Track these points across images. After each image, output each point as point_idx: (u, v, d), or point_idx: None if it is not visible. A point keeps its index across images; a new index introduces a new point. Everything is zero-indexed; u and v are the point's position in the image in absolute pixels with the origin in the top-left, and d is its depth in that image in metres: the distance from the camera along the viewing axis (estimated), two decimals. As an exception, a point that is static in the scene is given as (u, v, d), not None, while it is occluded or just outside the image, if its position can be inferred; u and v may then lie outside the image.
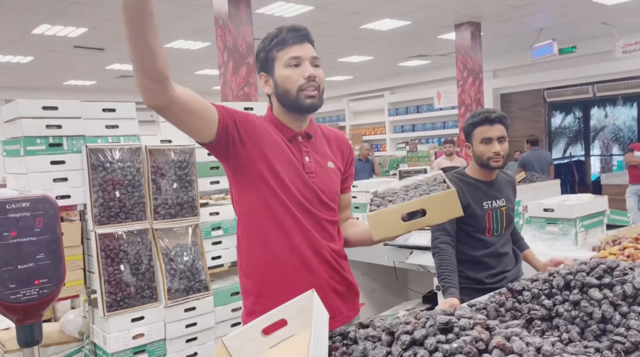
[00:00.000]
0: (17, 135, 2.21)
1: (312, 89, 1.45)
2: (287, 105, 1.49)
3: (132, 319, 2.29)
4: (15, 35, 7.18)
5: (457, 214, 1.32)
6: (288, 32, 1.47)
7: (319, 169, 1.52)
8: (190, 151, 2.55)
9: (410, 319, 0.96)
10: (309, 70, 1.45)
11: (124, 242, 2.30)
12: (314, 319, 1.01)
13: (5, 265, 0.94)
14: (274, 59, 1.48)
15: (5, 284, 0.94)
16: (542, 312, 1.38)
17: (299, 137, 1.53)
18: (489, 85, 11.05)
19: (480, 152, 2.23)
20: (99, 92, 12.52)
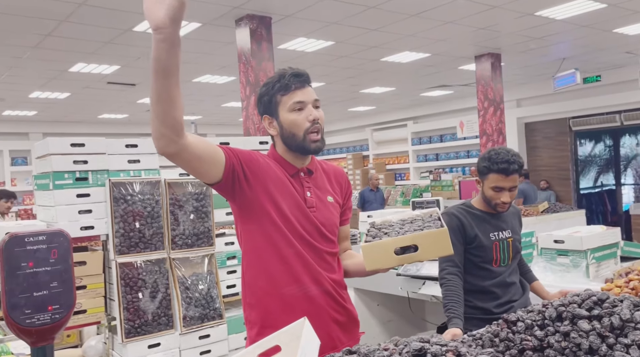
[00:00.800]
0: (46, 170, 2.37)
1: (316, 134, 1.55)
2: (293, 148, 1.57)
3: (148, 346, 2.38)
4: (54, 73, 7.62)
5: (448, 252, 1.38)
6: (291, 77, 1.55)
7: (319, 203, 1.60)
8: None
9: (389, 345, 1.02)
10: (313, 114, 1.54)
11: (143, 271, 2.42)
12: (302, 345, 1.08)
13: (22, 292, 1.04)
14: (278, 103, 1.56)
15: (22, 309, 1.04)
16: (533, 343, 1.41)
17: (301, 173, 1.61)
18: (512, 114, 11.03)
19: (490, 196, 2.28)
20: (131, 125, 13.00)
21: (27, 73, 7.50)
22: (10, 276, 1.03)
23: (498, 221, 2.37)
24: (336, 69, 8.48)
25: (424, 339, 1.01)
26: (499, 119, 8.31)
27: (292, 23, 5.95)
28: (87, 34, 5.87)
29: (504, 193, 2.24)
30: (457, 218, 2.31)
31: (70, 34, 5.80)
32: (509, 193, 2.25)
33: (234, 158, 1.49)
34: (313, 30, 6.29)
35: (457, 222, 2.29)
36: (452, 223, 2.30)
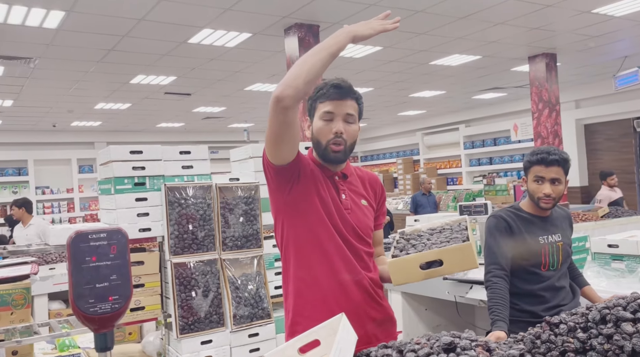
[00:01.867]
0: (108, 176, 2.56)
1: (337, 145, 1.60)
2: (318, 153, 1.66)
3: (201, 342, 2.51)
4: (116, 85, 8.08)
5: (473, 266, 1.40)
6: (330, 87, 1.61)
7: (354, 206, 1.66)
8: (255, 188, 2.78)
9: (421, 340, 1.06)
10: (338, 127, 1.59)
11: (196, 271, 2.55)
12: (337, 340, 1.14)
13: (87, 284, 1.16)
14: (315, 108, 1.65)
15: (86, 299, 1.16)
16: (575, 345, 1.40)
17: (336, 176, 1.68)
18: (570, 116, 10.61)
19: (532, 190, 2.25)
20: (186, 133, 13.52)
21: (93, 86, 8.00)
22: (76, 269, 1.15)
23: (547, 224, 2.32)
24: (385, 74, 8.49)
25: (455, 334, 1.04)
26: (554, 121, 8.02)
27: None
28: (146, 48, 6.20)
29: (545, 184, 2.21)
30: (504, 220, 2.29)
31: (131, 48, 6.15)
32: (551, 185, 2.21)
33: (300, 154, 1.61)
34: (361, 37, 6.35)
35: (504, 224, 2.27)
36: (499, 225, 2.28)
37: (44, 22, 5.13)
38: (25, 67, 6.62)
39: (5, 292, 2.69)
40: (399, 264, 1.38)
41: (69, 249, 1.16)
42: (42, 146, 12.00)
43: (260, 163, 2.89)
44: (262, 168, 2.87)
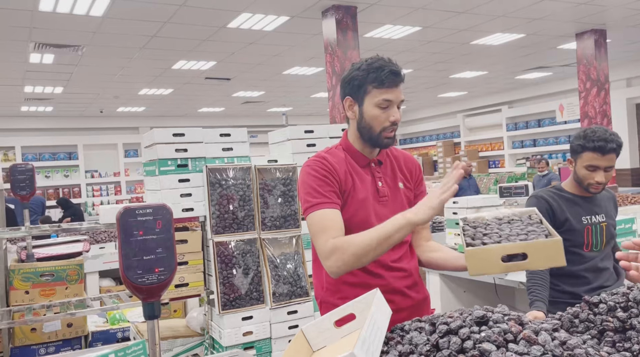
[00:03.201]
0: (153, 158, 2.66)
1: (391, 131, 1.56)
2: (366, 139, 1.59)
3: (242, 318, 2.60)
4: (158, 71, 8.29)
5: (560, 263, 1.31)
6: (388, 74, 1.52)
7: (390, 192, 1.63)
8: (293, 169, 2.83)
9: (454, 314, 1.08)
10: (396, 116, 1.54)
11: (236, 249, 2.64)
12: (372, 312, 1.17)
13: (135, 256, 1.24)
14: (367, 92, 1.54)
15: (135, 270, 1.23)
16: (615, 324, 1.39)
17: (372, 163, 1.63)
18: (621, 94, 10.14)
19: (583, 176, 2.19)
20: (227, 117, 13.74)
21: (137, 72, 8.23)
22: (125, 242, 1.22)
23: (591, 205, 2.27)
24: (424, 55, 8.34)
25: (488, 309, 1.06)
26: (603, 100, 7.70)
27: (377, 11, 5.97)
28: (187, 33, 6.32)
29: (599, 173, 2.14)
30: (546, 201, 2.25)
31: (173, 33, 6.29)
32: (605, 173, 2.15)
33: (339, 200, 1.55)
34: (399, 17, 6.26)
35: (545, 205, 2.24)
36: (540, 206, 2.24)
37: (90, 10, 5.31)
38: (73, 55, 6.88)
39: (60, 268, 2.86)
40: (478, 254, 1.29)
41: (118, 223, 1.24)
42: (91, 131, 12.49)
43: (298, 145, 2.94)
44: (300, 150, 2.93)
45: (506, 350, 0.90)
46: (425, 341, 1.01)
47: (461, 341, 0.94)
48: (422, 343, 1.00)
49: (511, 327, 0.95)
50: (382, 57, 1.58)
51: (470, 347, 0.92)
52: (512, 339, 0.93)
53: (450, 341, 0.95)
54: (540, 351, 0.88)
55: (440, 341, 0.97)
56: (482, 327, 0.97)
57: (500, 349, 0.90)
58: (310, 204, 1.52)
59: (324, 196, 1.53)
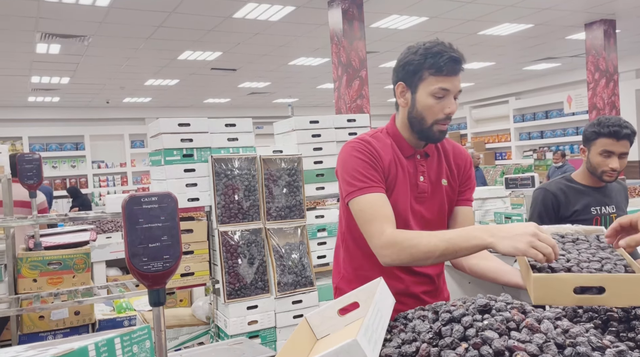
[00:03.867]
0: (158, 148, 2.67)
1: (444, 124, 1.44)
2: (415, 130, 1.47)
3: (247, 307, 2.61)
4: (164, 61, 8.29)
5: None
6: (448, 61, 1.38)
7: (431, 189, 1.52)
8: (298, 160, 2.83)
9: (457, 302, 1.08)
10: (452, 108, 1.43)
11: (242, 239, 2.65)
12: (375, 300, 1.17)
13: (140, 243, 1.24)
14: (422, 79, 1.42)
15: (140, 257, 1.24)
16: (619, 314, 1.39)
17: (417, 155, 1.52)
18: (630, 86, 10.04)
19: (597, 163, 2.17)
20: (232, 108, 13.75)
21: (143, 62, 8.24)
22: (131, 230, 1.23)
23: (602, 196, 2.25)
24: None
25: (491, 297, 1.06)
26: (612, 91, 7.63)
27: (384, 1, 5.93)
28: (193, 23, 6.32)
29: (613, 159, 2.12)
30: (553, 194, 2.24)
31: (178, 24, 6.28)
32: (619, 160, 2.14)
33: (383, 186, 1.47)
34: (406, 7, 6.21)
35: (551, 198, 2.23)
36: (545, 200, 2.24)
37: (96, 0, 5.31)
38: (79, 45, 6.89)
39: (67, 257, 2.89)
40: (548, 282, 1.14)
41: (123, 211, 1.25)
42: (97, 122, 12.54)
43: (303, 135, 2.94)
44: (305, 141, 2.93)
45: (508, 338, 0.90)
46: (428, 328, 1.01)
47: (464, 329, 0.95)
48: (425, 331, 1.01)
49: (514, 315, 0.96)
50: (442, 42, 1.43)
51: (472, 335, 0.93)
52: (514, 327, 0.93)
53: (452, 328, 0.96)
54: (542, 338, 0.88)
55: (443, 329, 0.97)
56: (485, 315, 0.98)
57: (503, 336, 0.90)
58: (355, 188, 1.42)
59: (371, 179, 1.42)
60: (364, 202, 1.41)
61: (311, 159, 2.96)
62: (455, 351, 0.90)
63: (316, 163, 2.98)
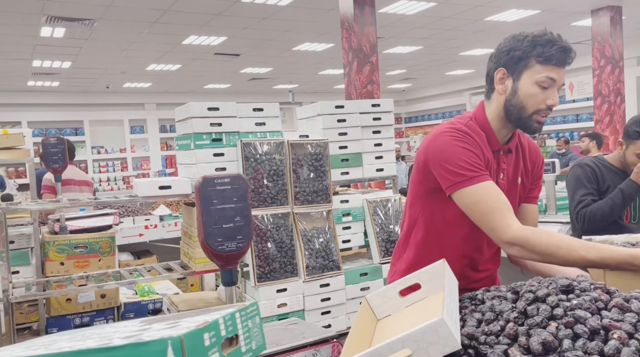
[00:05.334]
0: (187, 131, 2.66)
1: (544, 116, 1.41)
2: (512, 119, 1.44)
3: (277, 290, 2.64)
4: (168, 46, 8.21)
5: None
6: (559, 50, 1.36)
7: (508, 186, 1.51)
8: (324, 145, 2.84)
9: (534, 282, 1.10)
10: (555, 100, 1.39)
11: (271, 223, 2.66)
12: (447, 283, 1.19)
13: (215, 224, 1.25)
14: (528, 66, 1.39)
15: (216, 238, 1.25)
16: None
17: (501, 151, 1.49)
18: (633, 73, 10.09)
19: (631, 161, 2.24)
20: (233, 94, 13.66)
21: (147, 47, 8.15)
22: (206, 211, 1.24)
23: None
24: (437, 31, 8.26)
25: (571, 278, 1.08)
26: (617, 78, 7.66)
27: (394, -15, 5.89)
28: (200, 7, 6.25)
29: None
30: (591, 168, 2.32)
31: (185, 7, 6.21)
32: None
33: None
34: (416, -8, 6.18)
35: (590, 171, 2.31)
36: (586, 172, 2.31)
37: (105, -17, 5.24)
38: (85, 29, 6.81)
39: (93, 241, 2.89)
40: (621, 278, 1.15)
41: (198, 192, 1.26)
42: (97, 107, 12.43)
43: (328, 120, 2.94)
44: (330, 126, 2.93)
45: (600, 317, 0.92)
46: (510, 308, 1.03)
47: (550, 308, 0.97)
48: (508, 310, 1.02)
49: (600, 295, 0.98)
50: (551, 32, 1.41)
51: (561, 315, 0.94)
52: (602, 307, 0.95)
53: (539, 308, 0.97)
54: (635, 317, 0.90)
55: (529, 308, 0.99)
56: (570, 295, 1.00)
57: (594, 315, 0.92)
58: (464, 178, 1.36)
59: (479, 168, 1.37)
60: (479, 193, 1.35)
61: (336, 144, 2.96)
62: (547, 330, 0.92)
63: (341, 148, 2.99)
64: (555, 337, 0.90)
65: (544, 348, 0.90)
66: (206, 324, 0.69)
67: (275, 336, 1.47)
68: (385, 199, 3.04)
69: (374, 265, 2.93)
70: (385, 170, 3.14)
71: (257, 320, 0.84)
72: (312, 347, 1.41)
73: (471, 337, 1.01)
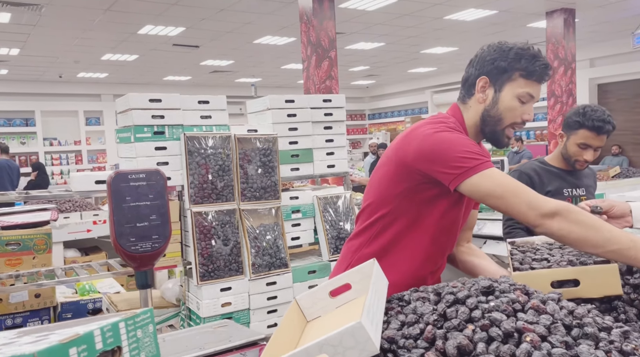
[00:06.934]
0: (128, 124, 2.55)
1: (514, 131, 1.43)
2: (487, 130, 1.43)
3: (221, 289, 2.56)
4: (123, 35, 7.93)
5: (615, 292, 1.20)
6: (543, 67, 1.37)
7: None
8: (273, 140, 2.77)
9: (457, 283, 1.08)
10: (531, 115, 1.41)
11: (215, 220, 2.58)
12: (372, 282, 1.15)
13: (127, 223, 1.17)
14: (511, 79, 1.38)
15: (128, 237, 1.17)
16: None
17: None
18: (584, 75, 10.41)
19: (573, 152, 2.24)
20: (194, 87, 13.38)
21: (100, 35, 7.85)
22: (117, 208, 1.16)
23: (573, 178, 2.34)
24: (397, 29, 8.29)
25: (492, 279, 1.06)
26: (569, 79, 7.89)
27: (354, -20, 5.86)
28: (155, -4, 6.05)
29: (589, 151, 2.20)
30: (527, 176, 2.31)
31: (140, -4, 6.01)
32: (594, 152, 2.21)
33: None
34: (375, -12, 6.17)
35: (526, 179, 2.29)
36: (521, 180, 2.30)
37: (51, -34, 5.00)
38: (32, 14, 6.49)
39: (27, 237, 2.74)
40: (526, 279, 1.19)
41: (109, 188, 1.17)
42: (49, 97, 11.93)
43: (278, 114, 2.88)
44: (280, 121, 2.87)
45: (516, 319, 0.90)
46: (431, 310, 1.00)
47: (469, 311, 0.94)
48: (429, 312, 0.99)
49: (518, 296, 0.96)
50: (534, 46, 1.40)
51: (479, 317, 0.92)
52: (520, 308, 0.94)
53: (458, 310, 0.95)
54: (549, 320, 0.89)
55: (448, 311, 0.96)
56: (489, 297, 0.98)
57: (510, 318, 0.90)
58: (472, 164, 1.29)
59: (484, 155, 1.33)
60: (495, 176, 1.28)
61: (286, 139, 2.90)
62: (462, 333, 0.90)
63: (291, 143, 2.93)
64: (470, 341, 0.88)
65: (459, 352, 0.87)
66: (74, 337, 0.62)
67: (201, 339, 1.40)
68: (335, 196, 3.01)
69: (322, 262, 2.90)
70: (337, 167, 3.11)
71: (151, 329, 0.78)
72: (238, 351, 1.35)
73: (391, 341, 0.98)
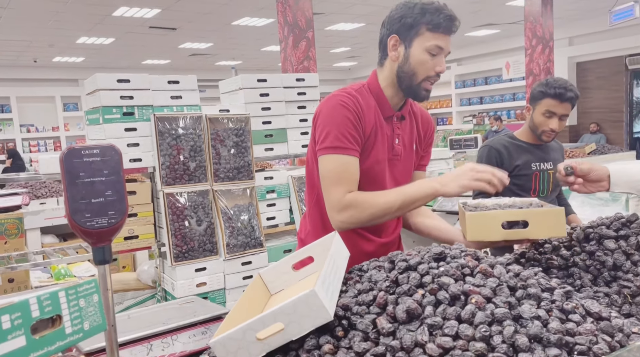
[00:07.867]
0: (96, 105, 2.51)
1: (431, 84, 1.45)
2: (404, 86, 1.46)
3: (195, 269, 2.57)
4: (97, 18, 7.76)
5: (561, 233, 1.29)
6: (447, 18, 1.40)
7: (404, 152, 1.53)
8: (245, 120, 2.76)
9: (412, 252, 1.09)
10: (443, 67, 1.43)
11: (188, 201, 2.57)
12: (331, 253, 1.17)
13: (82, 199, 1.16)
14: (418, 34, 1.41)
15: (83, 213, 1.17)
16: (559, 262, 1.46)
17: (395, 118, 1.51)
18: (563, 53, 10.49)
19: (539, 122, 2.27)
20: (174, 70, 13.19)
21: (74, 18, 7.67)
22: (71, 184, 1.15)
23: (541, 153, 2.38)
24: (377, 8, 8.23)
25: (446, 246, 1.08)
26: (547, 57, 7.93)
27: (330, -41, 5.79)
28: (128, -23, 5.92)
29: (554, 120, 2.23)
30: (496, 150, 2.33)
31: (112, -24, 5.87)
32: (559, 121, 2.24)
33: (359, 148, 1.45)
34: (352, -33, 6.10)
35: (495, 154, 2.32)
36: (490, 155, 2.32)
37: (17, -54, 4.84)
38: (0, -3, 6.31)
39: (-2, 223, 2.71)
40: (479, 219, 1.25)
41: (62, 164, 1.16)
42: (25, 83, 11.67)
43: (250, 94, 2.86)
44: (253, 100, 2.85)
45: (464, 283, 0.92)
46: (384, 277, 1.02)
47: (420, 276, 0.96)
48: (382, 280, 1.01)
49: (468, 262, 0.98)
50: (438, 1, 1.44)
51: (429, 282, 0.94)
52: (469, 272, 0.95)
53: (409, 276, 0.97)
54: (495, 282, 0.91)
55: (400, 277, 0.98)
56: (440, 262, 0.99)
57: (458, 282, 0.92)
58: (331, 145, 1.39)
59: (349, 140, 1.40)
60: (336, 162, 1.40)
61: (259, 119, 2.89)
62: (412, 297, 0.92)
63: (265, 123, 2.92)
64: (419, 305, 0.90)
65: (408, 315, 0.89)
66: (7, 305, 0.62)
67: (165, 315, 1.41)
68: (310, 175, 3.01)
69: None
70: (311, 146, 3.10)
71: (95, 298, 0.78)
72: (202, 325, 1.36)
73: (345, 308, 1.00)
